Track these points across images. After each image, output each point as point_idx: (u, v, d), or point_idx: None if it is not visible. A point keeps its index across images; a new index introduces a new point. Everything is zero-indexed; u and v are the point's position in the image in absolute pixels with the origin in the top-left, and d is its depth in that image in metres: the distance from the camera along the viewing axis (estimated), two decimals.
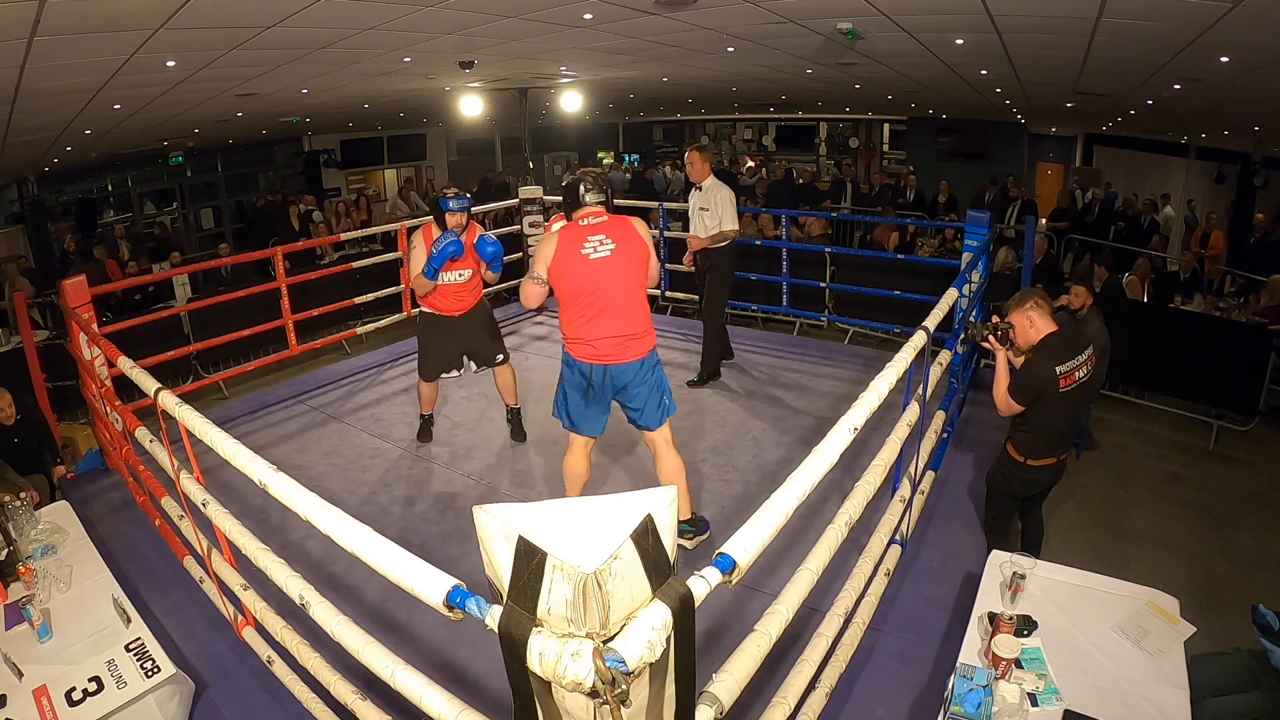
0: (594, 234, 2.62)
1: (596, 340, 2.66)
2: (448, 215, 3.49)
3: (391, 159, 14.45)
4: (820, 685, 2.04)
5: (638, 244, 2.68)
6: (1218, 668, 2.20)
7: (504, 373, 3.89)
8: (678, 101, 13.39)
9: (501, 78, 7.54)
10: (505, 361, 3.87)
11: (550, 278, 2.65)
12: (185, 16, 3.67)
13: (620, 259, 2.63)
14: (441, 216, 3.51)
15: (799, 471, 1.56)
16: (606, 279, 2.61)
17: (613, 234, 2.64)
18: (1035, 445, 2.76)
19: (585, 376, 2.71)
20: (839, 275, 6.34)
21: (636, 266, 2.68)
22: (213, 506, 2.15)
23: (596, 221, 2.65)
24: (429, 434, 4.04)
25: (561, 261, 2.61)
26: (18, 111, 5.31)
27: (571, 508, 1.10)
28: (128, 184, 11.66)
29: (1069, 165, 11.82)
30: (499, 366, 3.86)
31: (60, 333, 5.50)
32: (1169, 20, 3.95)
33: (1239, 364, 5.06)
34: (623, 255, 2.63)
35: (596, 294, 2.62)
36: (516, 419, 4.02)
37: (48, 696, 2.07)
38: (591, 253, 2.61)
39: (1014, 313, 2.75)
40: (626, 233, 2.66)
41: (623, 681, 1.00)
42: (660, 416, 2.79)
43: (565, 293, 2.65)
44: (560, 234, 2.64)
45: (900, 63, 6.64)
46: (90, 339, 3.40)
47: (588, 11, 4.63)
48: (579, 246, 2.61)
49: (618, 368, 2.69)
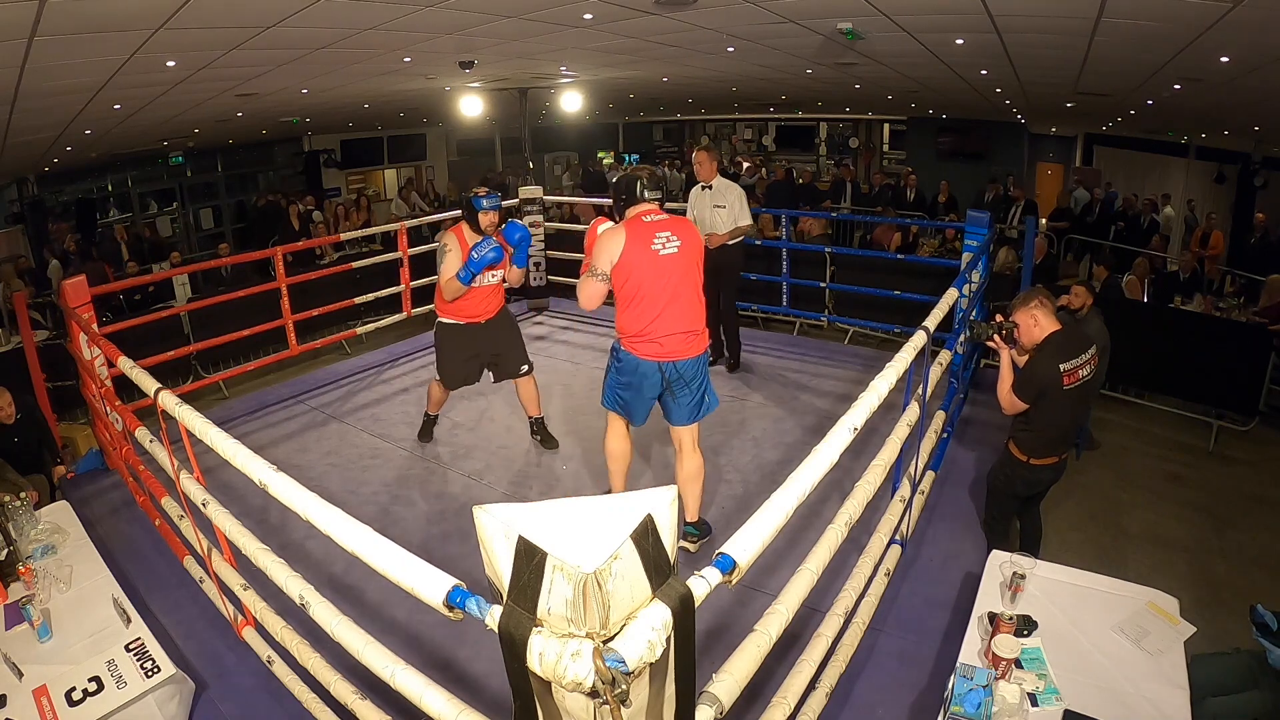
0: (660, 230, 2.63)
1: (663, 337, 2.66)
2: (481, 215, 3.37)
3: (391, 159, 14.44)
4: (820, 685, 2.04)
5: (699, 241, 2.73)
6: (1218, 668, 2.20)
7: (527, 384, 3.74)
8: (678, 101, 13.39)
9: (501, 78, 7.54)
10: (530, 372, 3.72)
11: (615, 274, 2.62)
12: (185, 16, 3.66)
13: (686, 255, 2.65)
14: (475, 216, 3.38)
15: (799, 471, 1.56)
16: (675, 275, 2.63)
17: (676, 231, 2.66)
18: (1038, 444, 2.77)
19: (646, 375, 2.70)
20: (839, 275, 6.33)
21: (698, 264, 2.71)
22: (213, 506, 2.15)
23: (659, 219, 2.66)
24: (430, 434, 4.01)
25: (631, 257, 2.59)
26: (18, 111, 5.31)
27: (571, 508, 1.10)
28: (128, 184, 11.66)
29: (1069, 165, 11.82)
30: (523, 378, 3.71)
31: (60, 333, 5.50)
32: (1169, 20, 3.95)
33: (1239, 364, 5.06)
34: (688, 252, 2.66)
35: (664, 290, 2.62)
36: (543, 429, 3.89)
37: (48, 696, 2.07)
38: (660, 249, 2.61)
39: (1018, 311, 2.76)
40: (688, 230, 2.70)
41: (623, 681, 1.00)
42: (698, 413, 2.80)
43: (632, 289, 2.62)
44: (627, 230, 2.60)
45: (900, 63, 6.63)
46: (90, 339, 3.40)
47: (588, 11, 4.63)
48: (648, 242, 2.60)
49: (681, 364, 2.71)
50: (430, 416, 4.00)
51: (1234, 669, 2.18)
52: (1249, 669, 2.15)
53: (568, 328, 5.74)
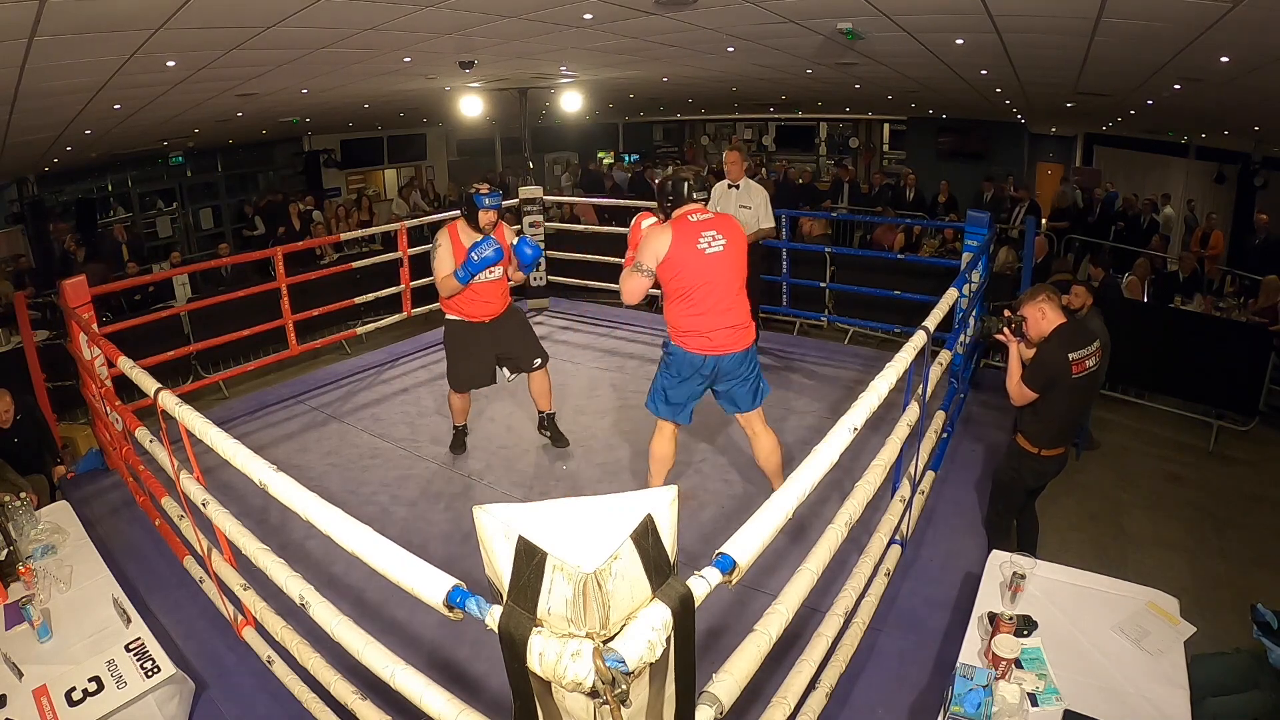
0: (706, 229, 2.72)
1: (712, 331, 2.76)
2: (481, 213, 3.29)
3: (391, 159, 14.45)
4: (820, 685, 2.04)
5: (743, 240, 2.83)
6: (1218, 667, 2.20)
7: (540, 378, 3.65)
8: (678, 101, 13.40)
9: (501, 78, 7.54)
10: (543, 365, 3.64)
11: (662, 271, 2.72)
12: (185, 16, 3.67)
13: (731, 253, 2.76)
14: (475, 213, 3.30)
15: (799, 471, 1.56)
16: (722, 272, 2.73)
17: (722, 229, 2.75)
18: (1047, 434, 2.83)
19: (696, 367, 2.79)
20: (839, 275, 6.33)
21: (743, 261, 2.82)
22: (213, 506, 2.15)
23: (705, 218, 2.75)
24: (463, 445, 3.84)
25: (678, 255, 2.69)
26: (18, 111, 5.31)
27: (571, 508, 1.10)
28: (128, 184, 11.66)
29: (1069, 165, 11.82)
30: (535, 371, 3.63)
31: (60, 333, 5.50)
32: (1169, 20, 3.95)
33: (1239, 364, 5.06)
34: (733, 250, 2.76)
35: (712, 286, 2.72)
36: (553, 425, 3.81)
37: (48, 696, 2.07)
38: (707, 247, 2.71)
39: (1026, 305, 2.85)
40: (734, 229, 2.80)
41: (623, 681, 1.00)
42: (759, 398, 2.91)
43: (681, 286, 2.72)
44: (674, 228, 2.71)
45: (900, 63, 6.64)
46: (90, 339, 3.40)
47: (588, 11, 4.63)
48: (695, 241, 2.70)
49: (730, 357, 2.80)
50: (459, 428, 3.84)
51: (1234, 669, 2.19)
52: (1249, 669, 2.16)
53: (568, 328, 5.74)
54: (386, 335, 5.85)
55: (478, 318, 3.47)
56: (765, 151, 15.29)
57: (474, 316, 3.46)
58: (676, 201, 2.79)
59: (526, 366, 3.61)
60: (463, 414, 3.80)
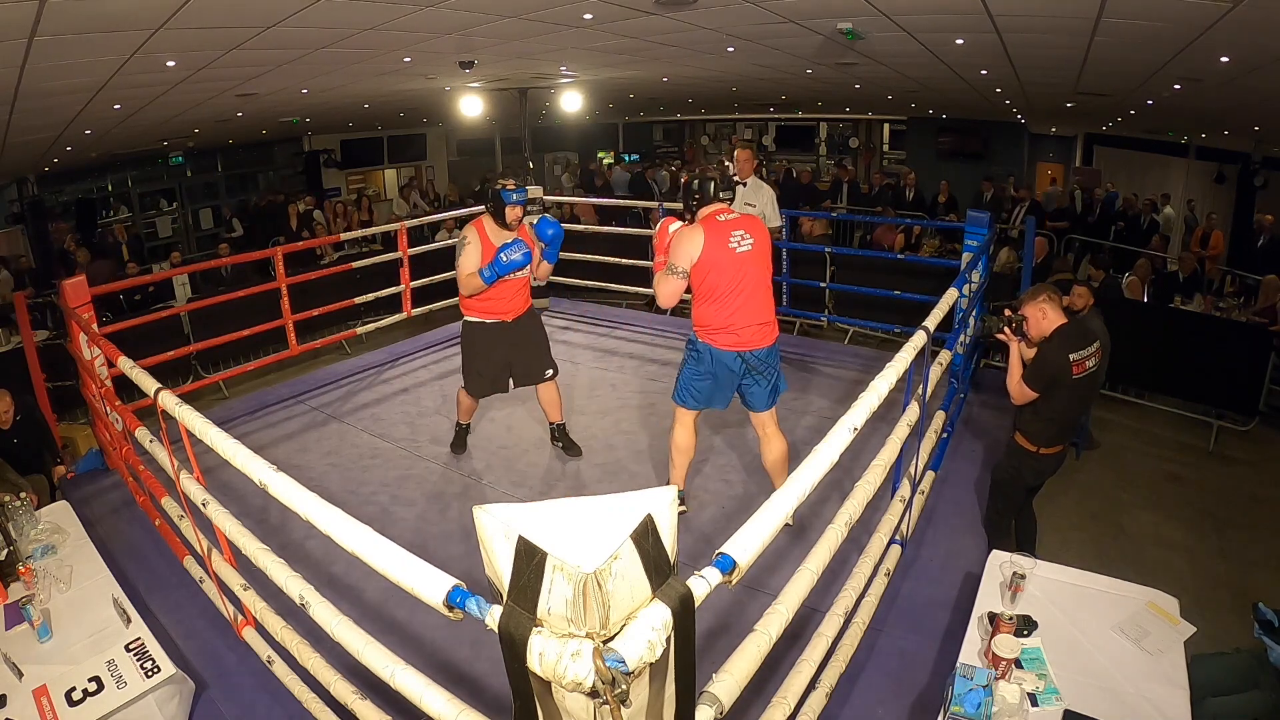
0: (735, 229, 2.76)
1: (741, 329, 2.79)
2: (509, 209, 3.17)
3: (391, 159, 14.45)
4: (820, 685, 2.04)
5: (768, 237, 2.87)
6: (1218, 667, 2.20)
7: (550, 388, 3.58)
8: (678, 101, 13.39)
9: (501, 78, 7.54)
10: (554, 376, 3.57)
11: (695, 272, 2.74)
12: (185, 16, 3.67)
13: (759, 251, 2.80)
14: (501, 210, 3.17)
15: (799, 471, 1.56)
16: (751, 271, 2.77)
17: (748, 229, 2.79)
18: (1046, 433, 2.84)
19: (726, 364, 2.83)
20: (839, 275, 6.33)
21: (769, 258, 2.87)
22: (213, 506, 2.15)
23: (732, 217, 2.79)
24: (464, 444, 3.83)
25: (711, 255, 2.72)
26: (18, 111, 5.31)
27: (571, 507, 1.10)
28: (128, 184, 11.66)
29: (1069, 165, 11.82)
30: (545, 382, 3.55)
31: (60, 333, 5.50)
32: (1169, 20, 3.95)
33: (1239, 364, 5.06)
34: (760, 248, 2.81)
35: (742, 284, 2.76)
36: (565, 435, 3.75)
37: (48, 696, 2.07)
38: (737, 246, 2.75)
39: (1028, 305, 2.87)
40: (759, 227, 2.83)
41: (623, 681, 1.00)
42: (775, 398, 2.93)
43: (711, 285, 2.75)
44: (705, 229, 2.73)
45: (900, 63, 6.64)
46: (90, 339, 3.40)
47: (588, 11, 4.63)
48: (725, 240, 2.73)
49: (757, 353, 2.83)
50: (463, 426, 3.80)
51: (1234, 669, 2.19)
52: (1249, 668, 2.16)
53: (568, 328, 5.74)
54: (386, 335, 5.85)
55: (498, 316, 3.38)
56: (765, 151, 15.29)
57: (494, 316, 3.37)
58: (703, 201, 2.82)
59: (538, 377, 3.54)
60: (469, 413, 3.78)
